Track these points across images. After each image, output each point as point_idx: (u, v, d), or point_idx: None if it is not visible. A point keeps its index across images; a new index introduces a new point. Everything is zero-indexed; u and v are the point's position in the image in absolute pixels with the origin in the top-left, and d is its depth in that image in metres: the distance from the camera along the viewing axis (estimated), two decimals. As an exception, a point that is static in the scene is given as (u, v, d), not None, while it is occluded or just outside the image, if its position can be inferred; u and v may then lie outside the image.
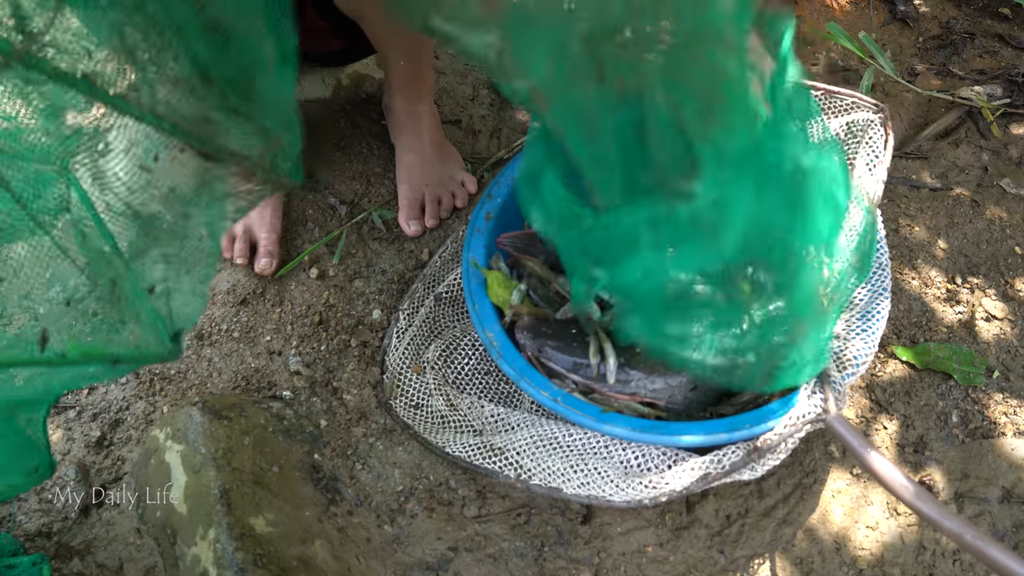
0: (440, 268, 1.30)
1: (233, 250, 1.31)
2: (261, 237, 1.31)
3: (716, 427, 0.95)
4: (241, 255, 1.30)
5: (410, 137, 1.40)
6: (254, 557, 0.96)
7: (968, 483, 1.14)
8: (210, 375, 1.22)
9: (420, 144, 1.40)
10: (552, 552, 1.08)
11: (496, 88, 1.63)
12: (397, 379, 1.18)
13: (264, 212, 1.33)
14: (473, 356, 1.18)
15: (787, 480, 1.12)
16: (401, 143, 1.42)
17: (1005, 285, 1.36)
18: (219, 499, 1.00)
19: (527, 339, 1.06)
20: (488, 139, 1.56)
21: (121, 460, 1.14)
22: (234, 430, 1.08)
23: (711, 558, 1.07)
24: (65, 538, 1.08)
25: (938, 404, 1.22)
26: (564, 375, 1.05)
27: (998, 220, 1.44)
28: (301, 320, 1.27)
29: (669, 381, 1.04)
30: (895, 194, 1.48)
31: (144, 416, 1.18)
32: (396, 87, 1.38)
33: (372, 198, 1.43)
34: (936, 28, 1.83)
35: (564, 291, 1.16)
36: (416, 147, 1.40)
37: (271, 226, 1.32)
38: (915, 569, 1.07)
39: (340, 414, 1.18)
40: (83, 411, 1.19)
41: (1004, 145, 1.57)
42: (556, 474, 1.01)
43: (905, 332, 1.29)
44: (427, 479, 1.13)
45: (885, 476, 0.82)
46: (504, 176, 1.23)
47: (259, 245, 1.31)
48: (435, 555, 1.07)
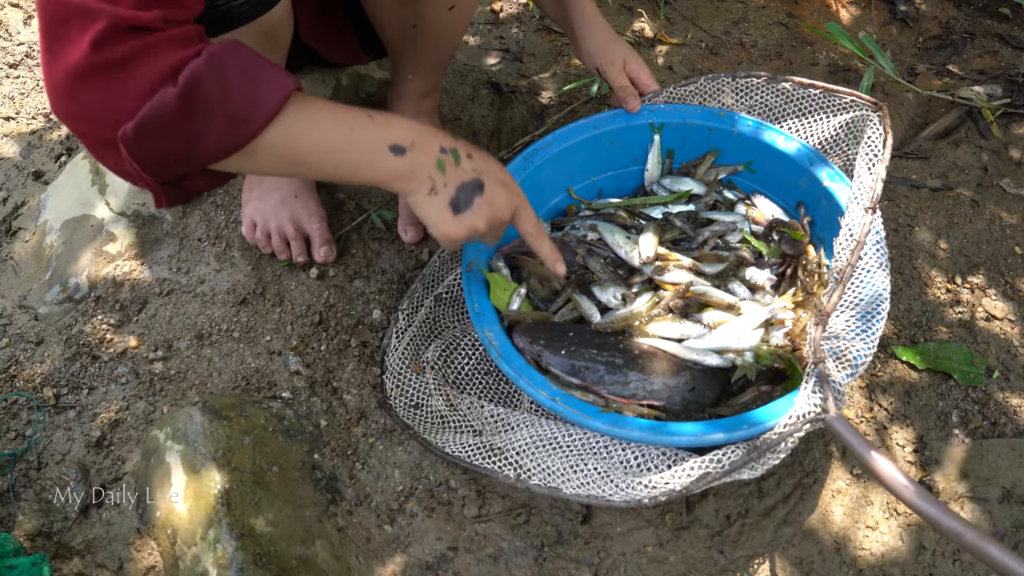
0: (440, 268, 1.30)
1: (292, 251, 1.32)
2: (313, 228, 1.32)
3: (715, 427, 0.95)
4: (300, 253, 1.31)
5: None
6: (254, 557, 0.96)
7: (968, 483, 1.14)
8: (210, 375, 1.22)
9: None
10: (552, 552, 1.08)
11: (496, 88, 1.63)
12: (397, 379, 1.18)
13: (308, 203, 1.33)
14: (473, 356, 1.19)
15: (787, 480, 1.12)
16: None
17: (1005, 285, 1.36)
18: (219, 499, 1.00)
19: (525, 343, 1.06)
20: (488, 139, 1.56)
21: (121, 460, 1.14)
22: (234, 430, 1.08)
23: (711, 558, 1.07)
24: (65, 538, 1.08)
25: (938, 404, 1.22)
26: (562, 378, 1.05)
27: (998, 220, 1.44)
28: (301, 320, 1.27)
29: (667, 382, 1.04)
30: (895, 194, 1.48)
31: (144, 416, 1.18)
32: (403, 97, 1.38)
33: (372, 198, 1.43)
34: (936, 28, 1.83)
35: (563, 289, 1.15)
36: None
37: (319, 215, 1.33)
38: (915, 569, 1.07)
39: (340, 414, 1.18)
40: (83, 411, 1.19)
41: (1004, 145, 1.57)
42: (556, 474, 1.01)
43: (905, 332, 1.29)
44: (427, 479, 1.13)
45: (885, 476, 0.82)
46: None
47: (313, 236, 1.32)
48: (435, 555, 1.07)
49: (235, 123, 0.77)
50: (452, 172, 0.91)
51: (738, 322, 1.10)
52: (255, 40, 1.02)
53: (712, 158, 1.30)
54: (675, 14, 1.85)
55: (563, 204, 1.33)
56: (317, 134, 0.83)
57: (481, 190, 0.92)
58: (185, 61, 0.75)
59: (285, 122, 0.80)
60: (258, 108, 0.78)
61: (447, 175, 0.90)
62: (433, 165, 0.89)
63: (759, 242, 1.22)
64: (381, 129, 0.87)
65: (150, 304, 1.28)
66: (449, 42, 1.28)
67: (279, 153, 0.83)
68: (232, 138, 0.78)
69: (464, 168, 0.91)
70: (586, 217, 1.27)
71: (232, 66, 0.76)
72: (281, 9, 1.02)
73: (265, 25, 1.01)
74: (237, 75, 0.77)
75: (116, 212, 1.36)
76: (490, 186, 0.93)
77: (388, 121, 0.88)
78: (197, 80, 0.74)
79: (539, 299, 1.17)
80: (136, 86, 0.74)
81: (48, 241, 1.37)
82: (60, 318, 1.28)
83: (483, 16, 1.83)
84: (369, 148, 0.87)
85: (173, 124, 0.75)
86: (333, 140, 0.85)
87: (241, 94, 0.77)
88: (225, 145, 0.78)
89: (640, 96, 1.30)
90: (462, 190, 0.91)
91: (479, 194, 0.92)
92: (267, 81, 0.78)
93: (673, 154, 1.32)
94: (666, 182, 1.31)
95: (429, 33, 1.21)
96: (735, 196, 1.30)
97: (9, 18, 1.80)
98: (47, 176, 1.50)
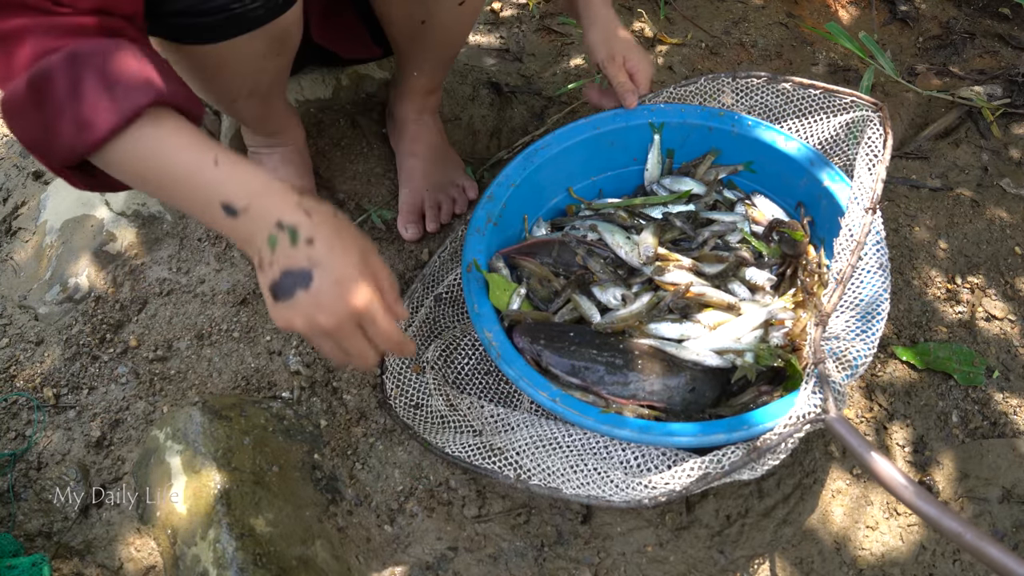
0: (439, 268, 1.30)
1: None
2: None
3: (714, 427, 0.95)
4: None
5: (413, 144, 1.40)
6: (254, 557, 0.96)
7: (968, 483, 1.14)
8: (210, 375, 1.22)
9: (422, 150, 1.40)
10: (552, 552, 1.08)
11: (496, 88, 1.63)
12: (397, 379, 1.18)
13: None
14: (473, 356, 1.19)
15: (787, 480, 1.12)
16: (403, 149, 1.42)
17: (1005, 285, 1.36)
18: (219, 499, 1.00)
19: (525, 343, 1.06)
20: (488, 139, 1.56)
21: (121, 460, 1.14)
22: (234, 430, 1.08)
23: (711, 558, 1.07)
24: (65, 538, 1.08)
25: (938, 404, 1.22)
26: (562, 378, 1.05)
27: (998, 220, 1.44)
28: (301, 320, 1.27)
29: (668, 383, 1.04)
30: (895, 194, 1.48)
31: (144, 416, 1.18)
32: (407, 95, 1.38)
33: (372, 198, 1.43)
34: (936, 28, 1.83)
35: (563, 290, 1.16)
36: (418, 153, 1.40)
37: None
38: (915, 569, 1.07)
39: (340, 414, 1.18)
40: (83, 411, 1.19)
41: (1004, 145, 1.57)
42: (555, 474, 1.01)
43: (905, 332, 1.29)
44: (427, 479, 1.13)
45: (885, 476, 0.82)
46: (504, 177, 1.23)
47: None
48: (435, 555, 1.07)
49: (80, 126, 0.75)
50: (281, 253, 0.78)
51: (738, 322, 1.10)
52: (267, 43, 1.02)
53: (712, 158, 1.30)
54: (675, 14, 1.85)
55: (563, 204, 1.33)
56: (157, 162, 0.78)
57: (307, 284, 0.78)
58: (49, 52, 0.74)
59: (131, 137, 0.76)
60: (102, 116, 0.74)
61: (275, 255, 0.78)
62: (264, 238, 0.78)
63: (759, 242, 1.22)
64: (219, 181, 0.78)
65: (150, 304, 1.28)
66: (457, 38, 1.29)
67: (126, 168, 0.79)
68: (79, 140, 0.76)
69: (297, 253, 0.78)
70: (586, 217, 1.27)
71: (90, 69, 0.74)
72: (294, 12, 1.02)
73: (278, 28, 1.01)
74: (92, 79, 0.74)
75: (116, 212, 1.36)
76: (320, 283, 0.77)
77: (232, 172, 0.78)
78: (47, 76, 0.74)
79: (539, 299, 1.17)
80: (7, 65, 0.74)
81: (48, 241, 1.37)
82: (60, 318, 1.28)
83: (483, 16, 1.83)
84: (202, 198, 0.79)
85: (27, 112, 0.75)
86: (172, 172, 0.78)
87: (91, 99, 0.74)
88: (74, 145, 0.76)
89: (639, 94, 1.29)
90: (286, 276, 0.78)
91: (303, 288, 0.78)
92: (122, 91, 0.75)
93: (673, 154, 1.32)
94: (666, 182, 1.31)
95: (437, 29, 1.21)
96: (735, 196, 1.30)
97: (9, 18, 1.80)
98: (47, 176, 1.50)
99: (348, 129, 1.51)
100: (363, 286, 0.79)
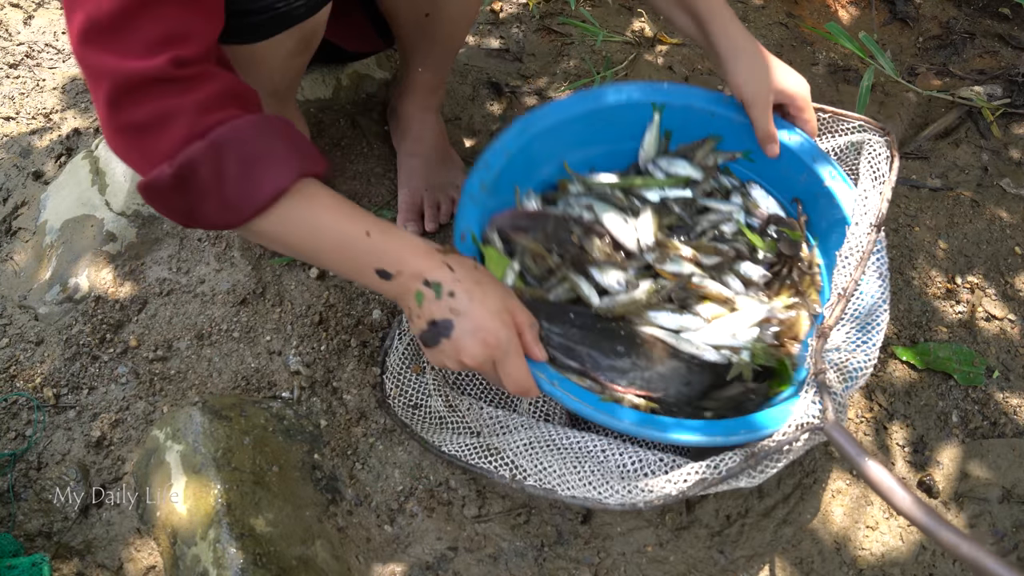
0: (440, 268, 1.29)
1: None
2: None
3: (714, 428, 0.94)
4: None
5: (414, 143, 1.40)
6: (254, 557, 0.96)
7: (968, 483, 1.14)
8: (210, 375, 1.22)
9: (423, 149, 1.40)
10: (552, 552, 1.08)
11: (496, 88, 1.63)
12: (397, 379, 1.18)
13: None
14: (473, 356, 1.18)
15: (787, 480, 1.12)
16: (404, 148, 1.42)
17: (1005, 285, 1.36)
18: (219, 499, 1.00)
19: None
20: (488, 139, 1.56)
21: (121, 460, 1.14)
22: (234, 430, 1.08)
23: (711, 558, 1.07)
24: (65, 538, 1.08)
25: (938, 404, 1.22)
26: (559, 359, 1.03)
27: (998, 220, 1.44)
28: (301, 320, 1.27)
29: (665, 373, 1.02)
30: (895, 194, 1.48)
31: (144, 416, 1.18)
32: (410, 93, 1.38)
33: (372, 198, 1.43)
34: (936, 28, 1.83)
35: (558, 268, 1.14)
36: (419, 152, 1.40)
37: None
38: (915, 569, 1.07)
39: (340, 414, 1.18)
40: (83, 411, 1.19)
41: (1004, 145, 1.57)
42: (552, 475, 1.00)
43: (905, 332, 1.29)
44: (427, 479, 1.13)
45: (883, 486, 0.82)
46: (499, 143, 1.19)
47: None
48: (435, 555, 1.07)
49: (226, 208, 0.81)
50: (428, 307, 0.89)
51: (737, 318, 1.09)
52: (296, 41, 1.04)
53: (713, 144, 1.27)
54: (675, 14, 1.84)
55: (554, 177, 1.28)
56: (309, 234, 0.85)
57: (448, 332, 0.88)
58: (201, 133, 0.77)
59: (279, 213, 0.82)
60: (248, 200, 0.80)
61: (423, 308, 0.89)
62: (413, 295, 0.89)
63: (755, 236, 1.20)
64: (372, 251, 0.87)
65: (150, 304, 1.28)
66: (461, 31, 1.29)
67: (274, 239, 0.86)
68: (225, 219, 0.82)
69: (440, 305, 0.88)
70: (581, 195, 1.24)
71: (231, 155, 0.79)
72: (326, 10, 1.04)
73: (312, 25, 1.02)
74: (234, 165, 0.79)
75: (116, 212, 1.36)
76: (460, 333, 0.88)
77: (383, 243, 0.88)
78: (192, 165, 0.78)
79: (532, 276, 1.13)
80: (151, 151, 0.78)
81: (48, 241, 1.37)
82: (60, 318, 1.28)
83: (483, 16, 1.83)
84: (357, 265, 0.88)
85: (171, 196, 0.80)
86: (326, 244, 0.86)
87: (234, 184, 0.79)
88: (218, 223, 0.83)
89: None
90: (431, 327, 0.89)
91: (445, 336, 0.89)
92: (264, 174, 0.80)
93: (671, 135, 1.29)
94: (661, 162, 1.29)
95: (442, 22, 1.22)
96: (731, 183, 1.27)
97: (9, 18, 1.80)
98: (47, 176, 1.50)
99: (348, 129, 1.51)
100: (499, 331, 0.89)
